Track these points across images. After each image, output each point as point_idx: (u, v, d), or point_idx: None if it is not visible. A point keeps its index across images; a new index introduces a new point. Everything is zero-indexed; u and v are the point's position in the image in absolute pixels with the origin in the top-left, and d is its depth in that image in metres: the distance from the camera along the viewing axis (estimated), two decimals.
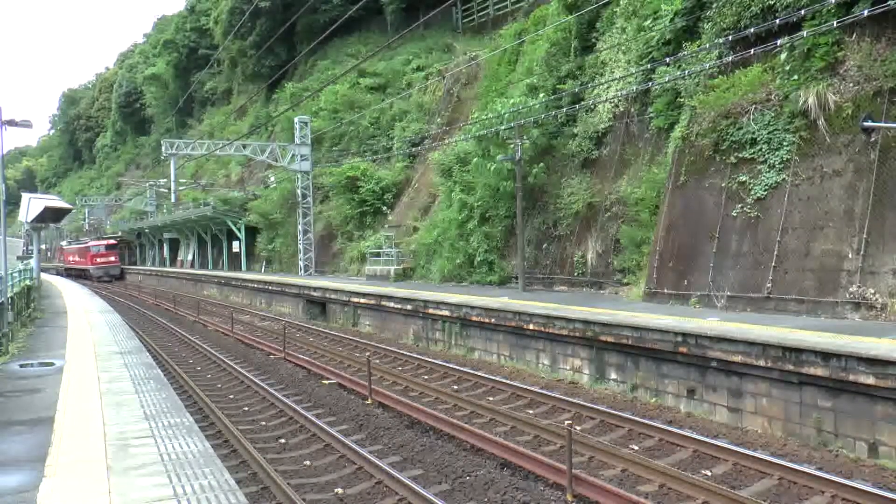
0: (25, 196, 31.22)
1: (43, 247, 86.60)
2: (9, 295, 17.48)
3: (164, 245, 70.73)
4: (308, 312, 30.93)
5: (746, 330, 12.35)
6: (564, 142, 22.90)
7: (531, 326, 16.96)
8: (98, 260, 69.95)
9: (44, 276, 54.45)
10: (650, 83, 19.23)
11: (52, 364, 13.77)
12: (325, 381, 16.86)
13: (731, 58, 16.32)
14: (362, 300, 25.86)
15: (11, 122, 20.46)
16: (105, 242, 73.52)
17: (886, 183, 13.31)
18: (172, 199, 52.48)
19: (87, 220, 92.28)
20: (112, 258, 71.40)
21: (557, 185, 22.59)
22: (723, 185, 16.10)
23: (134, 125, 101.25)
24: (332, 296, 28.75)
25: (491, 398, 14.60)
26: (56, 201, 32.49)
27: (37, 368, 13.47)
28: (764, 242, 15.01)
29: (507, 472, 10.10)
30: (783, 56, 15.38)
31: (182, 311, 35.78)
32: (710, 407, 12.70)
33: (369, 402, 14.48)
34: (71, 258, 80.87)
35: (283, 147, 39.51)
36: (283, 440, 12.29)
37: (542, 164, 22.63)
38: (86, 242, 76.96)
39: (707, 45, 17.22)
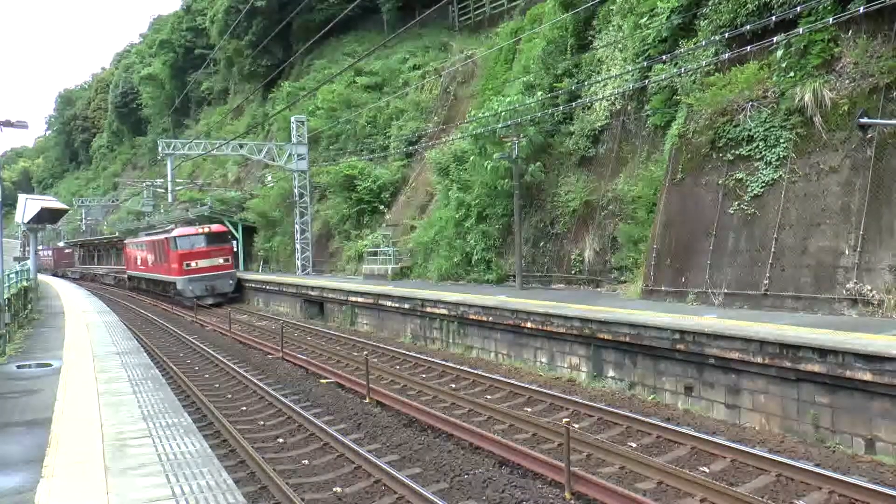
0: (22, 197, 31.11)
1: (40, 247, 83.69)
2: (6, 296, 17.45)
3: None
4: (306, 312, 30.91)
5: (744, 327, 12.36)
6: (561, 140, 22.90)
7: (529, 324, 16.96)
8: (193, 264, 37.99)
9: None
10: (647, 81, 19.22)
11: (49, 365, 13.75)
12: (323, 381, 16.87)
13: (727, 55, 16.31)
14: (360, 299, 25.85)
15: (7, 123, 20.38)
16: (203, 230, 39.55)
17: (883, 179, 13.32)
18: (169, 199, 52.33)
19: (83, 221, 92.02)
20: (220, 259, 38.95)
21: (554, 184, 22.58)
22: (720, 182, 16.11)
23: (130, 125, 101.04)
24: (330, 295, 28.74)
25: (489, 396, 14.61)
26: (53, 202, 32.37)
27: (34, 370, 13.45)
28: (761, 239, 15.03)
29: (506, 471, 10.11)
30: (779, 53, 15.39)
31: (179, 311, 35.74)
32: (707, 404, 12.72)
33: (367, 400, 14.48)
34: (138, 258, 48.46)
35: (280, 146, 39.48)
36: (281, 439, 12.30)
37: (538, 163, 22.63)
38: (167, 228, 43.14)
39: (703, 43, 17.22)
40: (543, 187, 22.87)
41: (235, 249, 43.28)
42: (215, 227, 40.24)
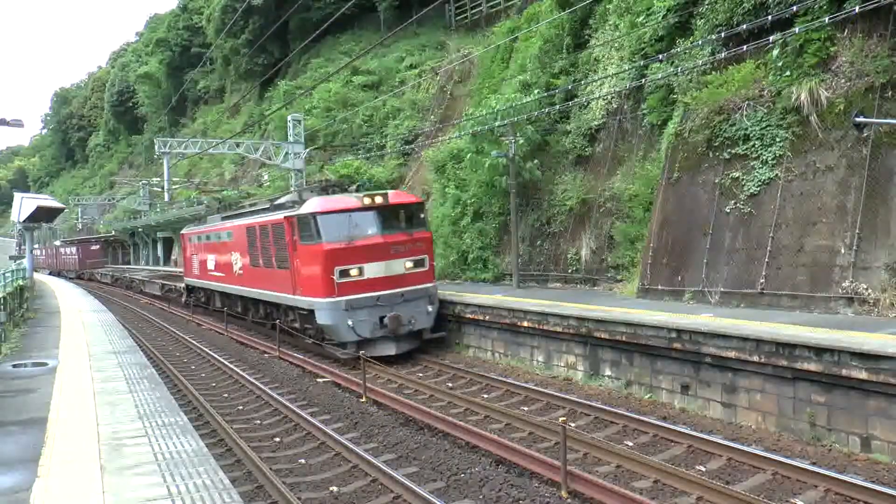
0: (17, 196, 31.08)
1: (36, 246, 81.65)
2: (1, 295, 17.43)
3: (158, 244, 70.43)
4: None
5: (740, 325, 12.38)
6: (558, 138, 22.91)
7: (525, 323, 16.97)
8: (354, 272, 17.92)
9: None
10: (643, 80, 19.23)
11: (45, 364, 13.73)
12: (319, 380, 16.85)
13: (723, 54, 16.33)
14: None
15: (3, 122, 20.38)
16: (372, 200, 18.58)
17: (878, 178, 13.35)
18: (166, 198, 52.26)
19: (80, 220, 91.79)
20: (407, 262, 18.70)
21: (551, 182, 22.59)
22: (716, 181, 16.13)
23: (127, 124, 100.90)
24: None
25: (485, 395, 14.62)
26: (49, 201, 32.34)
27: (30, 369, 13.43)
28: (757, 238, 15.05)
29: (502, 469, 10.11)
30: (775, 52, 15.40)
31: (176, 311, 35.68)
32: (704, 402, 12.73)
33: (364, 400, 14.48)
34: (211, 259, 28.31)
35: (277, 145, 39.45)
36: (277, 438, 12.29)
37: (535, 161, 22.63)
38: (278, 200, 22.82)
39: (700, 42, 17.23)
40: (540, 186, 22.88)
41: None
42: (395, 196, 19.70)
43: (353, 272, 17.87)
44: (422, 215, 19.97)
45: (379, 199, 18.63)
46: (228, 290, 26.61)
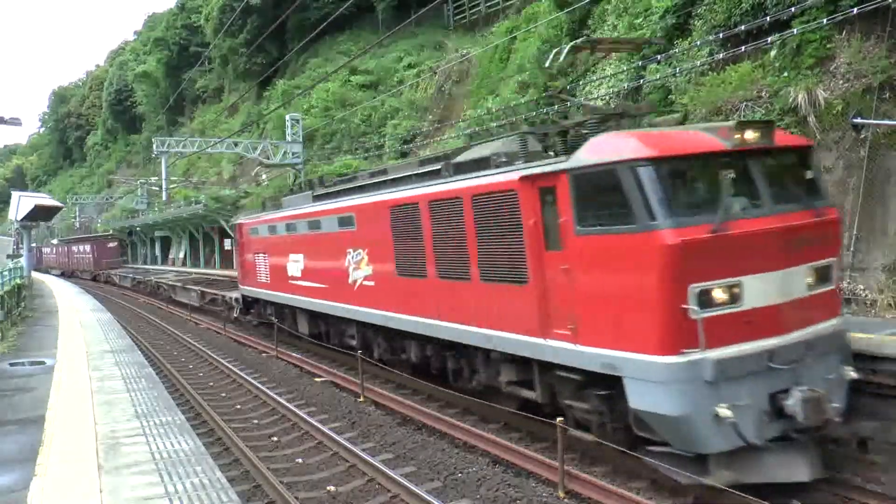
0: (15, 194, 31.09)
1: (34, 245, 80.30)
2: None
3: (156, 243, 70.42)
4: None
5: None
6: None
7: None
8: (747, 302, 7.97)
9: (37, 275, 49.39)
10: (641, 80, 19.24)
11: (42, 363, 13.73)
12: (317, 379, 16.85)
13: (721, 55, 16.35)
14: None
15: (1, 120, 20.38)
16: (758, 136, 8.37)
17: (876, 179, 13.37)
18: (164, 198, 52.19)
19: (77, 219, 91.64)
20: (809, 276, 8.61)
21: None
22: None
23: (125, 123, 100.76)
24: None
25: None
26: (46, 199, 32.34)
27: (27, 368, 13.44)
28: None
29: (500, 469, 10.11)
30: (773, 53, 15.42)
31: (174, 310, 35.66)
32: None
33: (362, 399, 14.48)
34: (295, 264, 18.72)
35: (275, 145, 39.44)
36: (275, 438, 12.29)
37: None
38: (502, 150, 11.21)
39: (698, 43, 17.25)
40: None
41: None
42: (781, 135, 9.07)
43: (721, 295, 8.05)
44: (810, 173, 9.34)
45: (754, 134, 8.50)
46: (335, 310, 16.83)
